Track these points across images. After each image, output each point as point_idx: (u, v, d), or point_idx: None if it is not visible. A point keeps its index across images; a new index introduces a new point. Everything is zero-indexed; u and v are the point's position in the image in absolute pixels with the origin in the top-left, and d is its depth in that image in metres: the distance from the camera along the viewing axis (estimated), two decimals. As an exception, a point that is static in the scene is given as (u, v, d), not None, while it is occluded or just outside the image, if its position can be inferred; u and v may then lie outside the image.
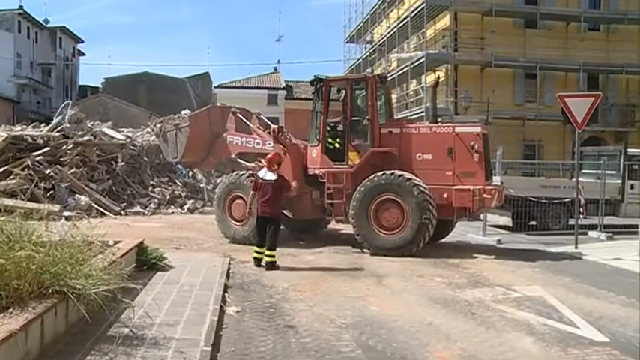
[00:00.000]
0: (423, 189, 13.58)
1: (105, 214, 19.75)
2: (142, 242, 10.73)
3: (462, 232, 17.48)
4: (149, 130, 24.09)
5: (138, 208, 22.02)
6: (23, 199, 18.99)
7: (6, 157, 21.66)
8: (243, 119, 17.13)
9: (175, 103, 40.12)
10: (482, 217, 17.22)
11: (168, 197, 23.77)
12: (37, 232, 6.75)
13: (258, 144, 16.34)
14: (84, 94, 60.98)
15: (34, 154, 21.74)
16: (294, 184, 13.35)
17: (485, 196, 13.66)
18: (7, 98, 53.14)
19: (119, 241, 9.97)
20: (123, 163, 23.73)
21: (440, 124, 15.32)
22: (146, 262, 10.37)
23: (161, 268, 10.51)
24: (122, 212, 21.05)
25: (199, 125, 16.88)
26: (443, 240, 15.44)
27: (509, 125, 31.57)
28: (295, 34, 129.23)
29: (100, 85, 60.42)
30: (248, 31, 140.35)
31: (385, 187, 13.85)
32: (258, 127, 17.00)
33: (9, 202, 15.73)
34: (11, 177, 20.43)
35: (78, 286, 6.28)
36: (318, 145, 15.09)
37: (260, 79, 56.29)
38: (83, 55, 72.92)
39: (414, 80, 36.58)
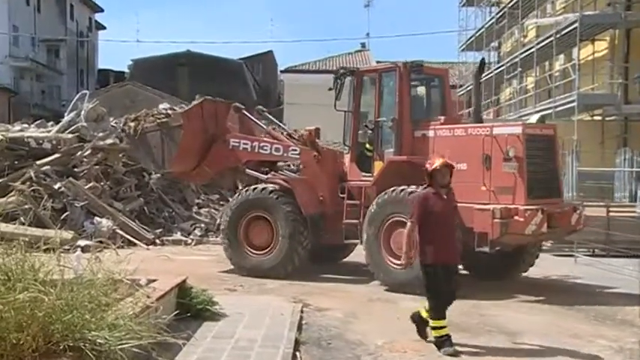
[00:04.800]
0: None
1: (134, 244, 20.23)
2: (184, 281, 10.91)
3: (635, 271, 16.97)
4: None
5: (179, 236, 22.50)
6: (25, 224, 19.48)
7: (1, 167, 21.93)
8: (253, 119, 17.78)
9: (228, 92, 40.51)
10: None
11: (219, 221, 24.04)
12: (44, 267, 6.86)
13: (277, 150, 16.74)
14: (105, 82, 62.27)
15: (39, 162, 22.39)
16: (320, 198, 15.73)
17: (516, 218, 13.52)
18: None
19: (154, 280, 10.12)
20: (158, 175, 24.20)
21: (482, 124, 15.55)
22: (190, 309, 10.49)
23: (210, 316, 10.67)
24: (157, 241, 21.54)
25: (193, 125, 17.02)
26: (598, 283, 15.12)
27: None
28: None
29: (127, 70, 61.88)
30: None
31: (392, 206, 14.48)
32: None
33: (7, 227, 16.27)
34: (9, 194, 20.76)
35: (99, 341, 6.35)
36: (348, 152, 16.17)
37: (343, 60, 56.62)
38: (103, 28, 75.33)
39: (562, 56, 35.58)
